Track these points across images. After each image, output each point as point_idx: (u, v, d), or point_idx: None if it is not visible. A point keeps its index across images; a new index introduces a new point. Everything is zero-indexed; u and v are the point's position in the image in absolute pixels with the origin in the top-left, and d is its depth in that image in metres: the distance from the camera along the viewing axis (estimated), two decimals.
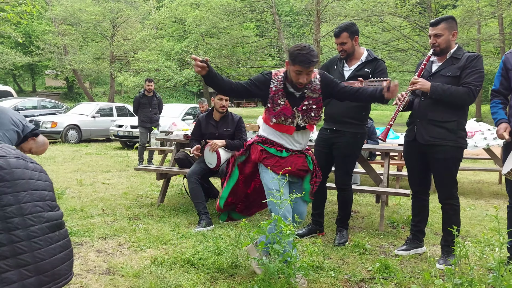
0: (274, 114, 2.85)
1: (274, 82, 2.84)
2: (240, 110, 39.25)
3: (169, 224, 4.07)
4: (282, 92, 2.83)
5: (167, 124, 10.30)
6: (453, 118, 3.08)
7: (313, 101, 2.87)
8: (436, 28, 3.10)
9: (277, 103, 2.83)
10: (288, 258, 2.09)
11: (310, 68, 2.67)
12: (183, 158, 4.92)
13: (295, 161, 2.89)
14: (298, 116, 2.84)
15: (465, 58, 3.07)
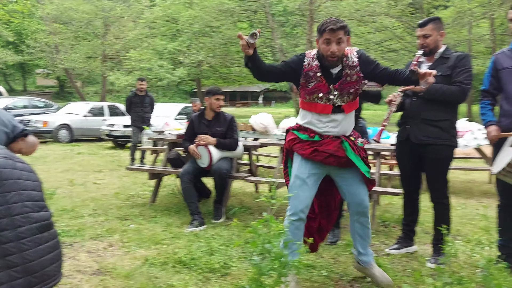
0: (308, 91, 2.61)
1: (308, 59, 2.61)
2: (233, 109, 39.22)
3: (161, 224, 4.05)
4: (317, 67, 2.59)
5: (159, 123, 10.27)
6: (446, 117, 3.11)
7: (351, 77, 2.59)
8: (424, 29, 3.13)
9: (311, 79, 2.59)
10: (280, 258, 2.09)
11: (337, 32, 2.46)
12: (175, 157, 4.91)
13: (327, 146, 2.62)
14: (335, 94, 2.58)
15: (454, 57, 3.11)
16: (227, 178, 4.31)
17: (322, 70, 2.59)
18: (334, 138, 2.64)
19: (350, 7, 22.87)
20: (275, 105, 47.01)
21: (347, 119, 2.68)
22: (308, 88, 2.62)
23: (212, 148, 4.29)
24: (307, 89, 2.62)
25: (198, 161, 4.34)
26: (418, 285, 2.60)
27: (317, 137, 2.64)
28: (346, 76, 2.59)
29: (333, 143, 2.62)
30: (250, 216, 4.43)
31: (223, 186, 4.31)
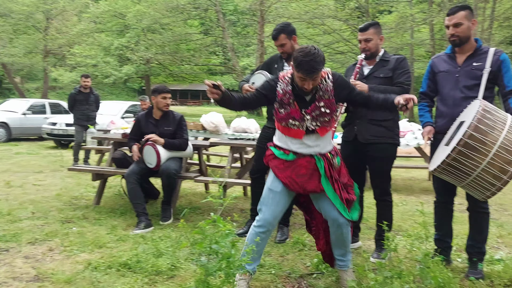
0: (281, 117, 2.59)
1: (281, 85, 2.58)
2: (184, 108, 38.67)
3: (106, 226, 3.91)
4: (290, 94, 2.55)
5: (105, 122, 9.92)
6: (390, 117, 3.27)
7: (325, 102, 2.55)
8: (366, 33, 3.26)
9: (285, 106, 2.56)
10: (227, 258, 2.08)
11: (314, 76, 2.41)
12: (121, 157, 4.75)
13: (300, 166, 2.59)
14: (308, 119, 2.55)
15: (394, 60, 3.28)
16: (175, 178, 4.24)
17: (295, 95, 2.56)
18: (309, 157, 2.60)
19: (300, 9, 23.31)
20: None
21: (322, 139, 2.64)
22: (281, 114, 2.59)
23: (160, 147, 4.20)
24: (280, 115, 2.60)
25: (145, 161, 4.23)
26: (361, 280, 2.69)
27: (292, 155, 2.61)
28: (319, 100, 2.55)
29: (306, 166, 2.58)
30: (200, 217, 4.39)
31: (172, 187, 4.23)
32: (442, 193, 3.12)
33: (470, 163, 2.41)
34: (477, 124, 2.40)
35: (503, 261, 3.15)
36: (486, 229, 2.98)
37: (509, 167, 2.34)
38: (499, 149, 2.35)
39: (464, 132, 2.41)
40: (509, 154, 2.34)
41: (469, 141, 2.39)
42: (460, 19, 2.87)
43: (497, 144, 2.34)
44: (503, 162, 2.35)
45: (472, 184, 2.51)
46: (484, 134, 2.38)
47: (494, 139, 2.36)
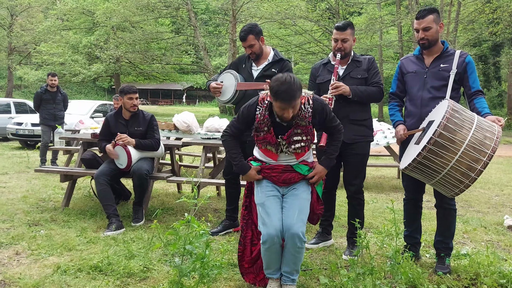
0: (257, 139, 2.65)
1: (260, 108, 2.58)
2: (155, 108, 38.18)
3: (75, 229, 3.81)
4: (268, 119, 2.56)
5: (73, 122, 9.66)
6: (368, 116, 3.45)
7: (302, 129, 2.55)
8: (344, 33, 3.30)
9: (261, 130, 2.58)
10: (201, 258, 2.07)
11: (293, 103, 2.38)
12: (90, 158, 4.64)
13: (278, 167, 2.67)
14: (283, 144, 2.58)
15: (366, 60, 3.39)
16: (147, 178, 4.17)
17: (272, 121, 2.57)
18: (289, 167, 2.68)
19: (271, 9, 23.41)
20: (199, 104, 46.63)
21: (300, 159, 2.69)
22: (258, 137, 2.64)
23: (131, 148, 4.12)
24: (257, 138, 2.64)
25: (116, 161, 4.15)
26: (334, 277, 2.73)
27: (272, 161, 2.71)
28: (296, 127, 2.55)
29: (285, 167, 2.66)
30: (173, 217, 4.34)
31: (143, 187, 4.16)
32: (411, 191, 3.21)
33: (439, 161, 2.49)
34: (447, 123, 2.47)
35: (468, 256, 3.26)
36: (453, 225, 3.08)
37: (476, 165, 2.42)
38: (467, 147, 2.43)
39: (434, 131, 2.48)
40: (477, 152, 2.43)
41: (439, 140, 2.46)
42: (429, 23, 2.95)
43: (465, 143, 2.42)
44: (471, 160, 2.43)
45: (441, 182, 2.59)
46: (453, 133, 2.46)
47: (463, 137, 2.44)
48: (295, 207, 2.54)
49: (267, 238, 2.41)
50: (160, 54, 29.01)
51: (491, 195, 6.13)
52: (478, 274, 2.81)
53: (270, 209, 2.51)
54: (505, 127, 21.73)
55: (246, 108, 2.63)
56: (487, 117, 2.71)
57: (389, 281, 2.40)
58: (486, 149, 2.41)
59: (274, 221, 2.46)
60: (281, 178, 2.64)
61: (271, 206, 2.53)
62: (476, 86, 2.94)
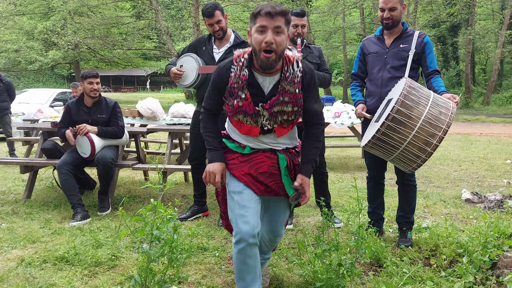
0: (230, 110, 2.06)
1: (234, 68, 2.01)
2: (118, 95, 37.18)
3: (38, 220, 3.71)
4: (244, 80, 1.99)
5: (32, 111, 9.30)
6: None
7: (289, 97, 2.00)
8: (303, 19, 3.45)
9: (235, 95, 2.00)
10: (170, 243, 2.07)
11: (275, 18, 1.86)
12: (51, 148, 4.49)
13: (260, 163, 2.12)
14: (264, 115, 2.02)
15: (316, 48, 3.68)
16: (112, 167, 4.09)
17: (249, 83, 1.99)
18: (269, 152, 2.15)
19: None
20: (164, 90, 45.79)
21: (284, 137, 2.16)
22: (229, 105, 2.04)
23: (94, 136, 4.02)
24: (229, 108, 2.05)
25: (79, 150, 4.04)
26: (302, 255, 2.80)
27: (248, 148, 2.14)
28: (282, 93, 2.00)
29: (267, 163, 2.12)
30: (140, 205, 4.29)
31: (108, 176, 4.08)
32: (373, 169, 3.31)
33: (397, 137, 2.57)
34: (404, 100, 2.55)
35: (429, 229, 3.42)
36: (414, 200, 3.21)
37: (432, 140, 2.52)
38: (424, 122, 2.52)
39: (392, 108, 2.56)
40: (432, 128, 2.52)
41: (396, 116, 2.54)
42: (395, 4, 3.01)
43: (421, 118, 2.52)
44: (427, 135, 2.53)
45: (399, 157, 2.68)
46: (410, 109, 2.54)
47: (419, 113, 2.53)
48: (279, 214, 2.26)
49: (241, 236, 1.95)
50: (121, 40, 28.17)
51: (449, 170, 6.41)
52: (437, 246, 2.96)
53: (248, 201, 2.04)
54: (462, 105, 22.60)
55: (218, 71, 2.05)
56: (443, 95, 2.81)
57: (353, 256, 2.49)
58: (441, 124, 2.52)
59: (251, 216, 1.99)
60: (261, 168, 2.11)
61: (248, 198, 2.05)
62: (434, 66, 3.04)
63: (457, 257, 2.75)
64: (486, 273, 2.47)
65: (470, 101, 22.89)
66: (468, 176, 5.98)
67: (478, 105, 22.75)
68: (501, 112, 20.33)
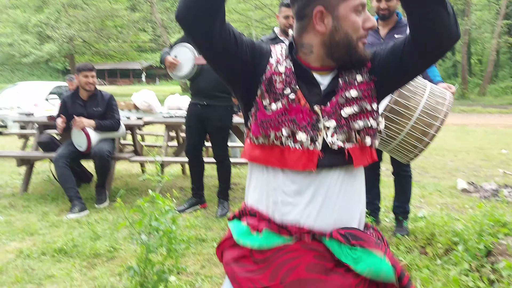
0: (266, 119, 1.14)
1: (274, 56, 1.20)
2: (114, 88, 36.98)
3: (36, 213, 3.71)
4: (290, 74, 1.16)
5: (27, 105, 9.26)
6: None
7: (359, 90, 1.16)
8: (290, 10, 3.37)
9: (277, 95, 1.15)
10: (168, 234, 2.08)
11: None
12: (48, 141, 4.48)
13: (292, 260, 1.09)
14: (325, 120, 1.13)
15: None
16: (109, 160, 4.09)
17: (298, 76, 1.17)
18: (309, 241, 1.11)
19: None
20: (159, 82, 45.62)
21: (351, 183, 1.17)
22: (268, 113, 1.15)
23: (90, 129, 4.01)
24: (266, 116, 1.14)
25: (75, 143, 4.03)
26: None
27: (268, 235, 1.12)
28: (345, 87, 1.16)
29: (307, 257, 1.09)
30: (137, 198, 4.30)
31: (105, 169, 4.08)
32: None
33: (395, 127, 2.58)
34: (401, 90, 2.55)
35: (425, 218, 3.44)
36: (409, 190, 3.24)
37: (430, 130, 2.54)
38: (421, 113, 2.53)
39: (390, 98, 2.56)
40: (430, 118, 2.53)
41: (394, 107, 2.54)
42: None
43: (419, 108, 2.52)
44: (425, 125, 2.54)
45: (397, 148, 2.69)
46: (407, 99, 2.55)
47: (416, 103, 2.54)
48: None
49: None
50: (116, 32, 27.98)
51: (446, 161, 6.45)
52: (433, 234, 2.99)
53: None
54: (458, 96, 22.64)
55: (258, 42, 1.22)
56: (439, 84, 2.82)
57: None
58: (438, 114, 2.53)
59: None
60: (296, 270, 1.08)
61: None
62: None
63: (453, 246, 2.78)
64: (481, 260, 2.50)
65: (466, 92, 22.94)
66: (464, 166, 6.02)
67: (475, 96, 22.82)
68: (497, 102, 20.40)
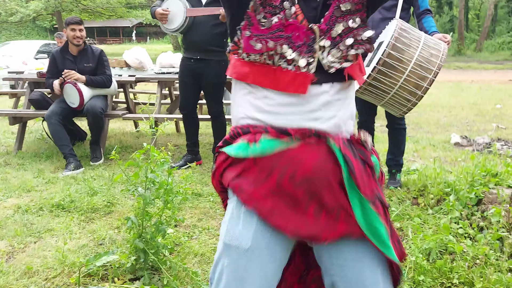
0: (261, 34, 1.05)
1: None
2: (104, 47, 36.09)
3: (31, 171, 3.71)
4: None
5: (16, 63, 9.07)
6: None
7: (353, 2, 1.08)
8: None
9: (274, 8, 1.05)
10: (164, 186, 2.10)
11: None
12: (39, 98, 4.42)
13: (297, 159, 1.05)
14: (321, 43, 1.06)
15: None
16: (102, 117, 4.05)
17: None
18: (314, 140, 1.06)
19: None
20: (150, 41, 44.58)
21: (345, 95, 1.13)
22: (261, 27, 1.05)
23: (82, 85, 3.95)
24: (259, 30, 1.05)
25: (67, 100, 3.98)
26: None
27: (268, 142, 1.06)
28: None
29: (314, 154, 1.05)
30: (132, 155, 4.31)
31: (99, 126, 4.05)
32: (363, 114, 3.32)
33: (388, 81, 2.56)
34: (395, 43, 2.51)
35: (417, 171, 3.49)
36: (403, 143, 3.26)
37: (423, 83, 2.52)
38: (415, 65, 2.50)
39: (383, 51, 2.52)
40: (423, 70, 2.51)
41: (387, 60, 2.51)
42: None
43: (412, 61, 2.49)
44: (418, 78, 2.52)
45: (390, 102, 2.68)
46: (401, 52, 2.51)
47: (410, 56, 2.50)
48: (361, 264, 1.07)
49: None
50: None
51: (439, 116, 6.47)
52: (425, 186, 3.04)
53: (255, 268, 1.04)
54: (455, 52, 22.39)
55: None
56: (434, 35, 2.78)
57: None
58: (432, 67, 2.50)
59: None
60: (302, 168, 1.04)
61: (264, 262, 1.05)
62: (425, 5, 2.98)
63: (444, 196, 2.84)
64: (472, 209, 2.56)
65: (463, 48, 22.70)
66: (457, 121, 6.05)
67: (471, 52, 22.61)
68: (493, 58, 20.27)
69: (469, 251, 2.08)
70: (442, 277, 1.98)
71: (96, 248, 2.33)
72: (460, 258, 2.08)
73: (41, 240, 2.41)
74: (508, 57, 20.78)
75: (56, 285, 1.97)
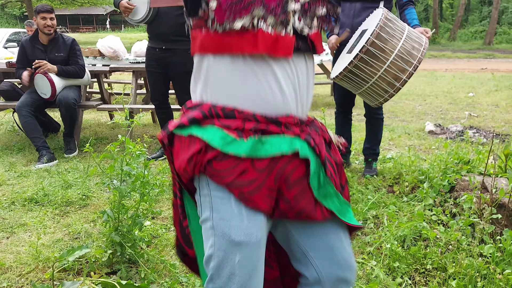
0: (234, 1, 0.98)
1: None
2: (77, 36, 35.13)
3: (2, 164, 3.60)
4: None
5: None
6: None
7: None
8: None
9: None
10: (141, 178, 2.07)
11: None
12: (9, 89, 4.28)
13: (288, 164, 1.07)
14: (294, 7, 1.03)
15: None
16: (75, 108, 3.95)
17: None
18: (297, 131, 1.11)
19: None
20: (125, 29, 43.63)
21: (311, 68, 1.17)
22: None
23: (53, 75, 3.84)
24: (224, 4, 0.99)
25: (38, 91, 3.86)
26: None
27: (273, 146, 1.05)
28: None
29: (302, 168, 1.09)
30: (107, 146, 4.23)
31: (72, 117, 3.95)
32: (342, 104, 3.34)
33: (369, 70, 2.56)
34: (379, 32, 2.50)
35: (393, 159, 3.55)
36: (380, 132, 3.30)
37: (402, 75, 2.54)
38: (396, 57, 2.51)
39: (367, 39, 2.51)
40: (404, 63, 2.52)
41: (371, 48, 2.50)
42: None
43: (394, 52, 2.49)
44: (398, 70, 2.53)
45: (368, 91, 2.69)
46: (384, 42, 2.51)
47: (393, 47, 2.51)
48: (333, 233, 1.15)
49: None
50: None
51: (414, 105, 6.59)
52: (400, 174, 3.10)
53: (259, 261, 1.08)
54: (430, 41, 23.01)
55: None
56: (416, 28, 2.79)
57: None
58: (413, 60, 2.51)
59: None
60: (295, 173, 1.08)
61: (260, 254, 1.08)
62: None
63: (419, 183, 2.90)
64: (445, 196, 2.62)
65: (437, 37, 23.11)
66: (432, 110, 6.18)
67: (445, 41, 23.04)
68: (466, 47, 20.71)
69: (442, 237, 2.14)
70: (416, 263, 2.03)
71: (72, 242, 2.28)
72: (434, 244, 2.14)
73: (13, 235, 2.35)
74: (480, 46, 21.28)
75: (30, 281, 1.93)
